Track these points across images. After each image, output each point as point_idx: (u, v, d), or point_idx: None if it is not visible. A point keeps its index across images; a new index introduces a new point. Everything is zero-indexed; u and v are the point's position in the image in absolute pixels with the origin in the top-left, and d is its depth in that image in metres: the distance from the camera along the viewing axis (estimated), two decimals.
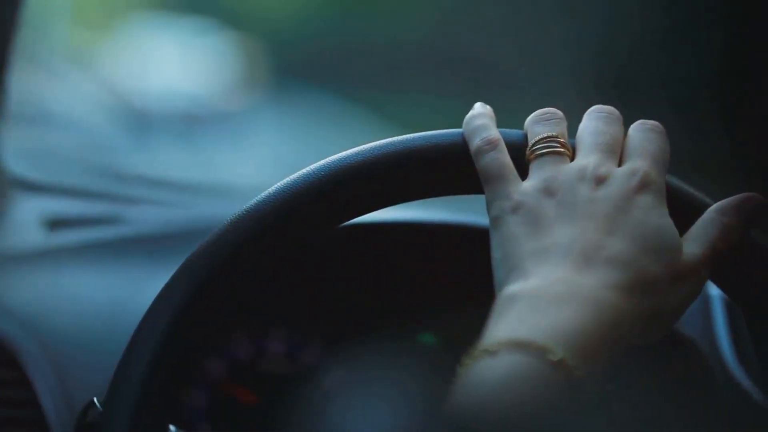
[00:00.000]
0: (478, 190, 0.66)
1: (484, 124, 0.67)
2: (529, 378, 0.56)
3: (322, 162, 0.68)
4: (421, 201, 0.70)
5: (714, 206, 0.65)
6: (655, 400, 0.82)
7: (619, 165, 0.65)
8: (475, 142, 0.66)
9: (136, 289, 0.88)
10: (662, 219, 0.63)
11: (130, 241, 0.97)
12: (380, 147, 0.68)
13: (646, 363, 0.66)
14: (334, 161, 0.68)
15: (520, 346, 0.57)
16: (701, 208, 0.66)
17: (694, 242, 0.64)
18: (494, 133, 0.66)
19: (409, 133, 0.69)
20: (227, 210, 0.69)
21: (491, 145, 0.66)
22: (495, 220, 0.64)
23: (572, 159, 0.65)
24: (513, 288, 0.60)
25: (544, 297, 0.59)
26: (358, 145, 0.69)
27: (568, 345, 0.57)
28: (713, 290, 0.91)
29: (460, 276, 0.89)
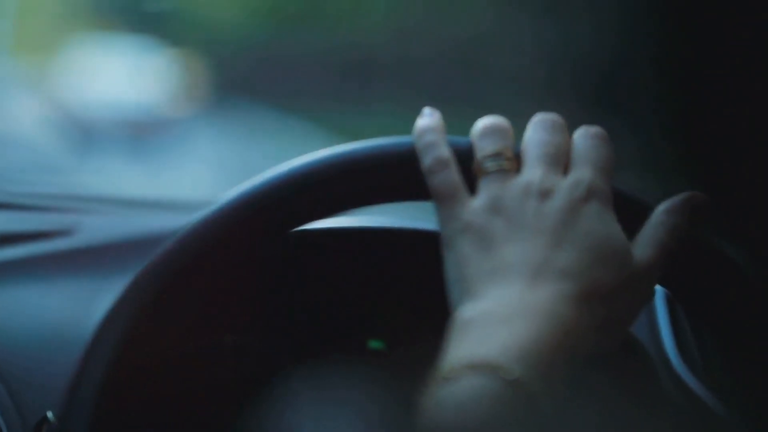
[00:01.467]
0: (425, 198, 0.67)
1: (435, 142, 0.67)
2: (486, 399, 0.56)
3: (270, 172, 0.68)
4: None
5: (660, 207, 0.67)
6: (599, 399, 0.83)
7: (566, 172, 0.66)
8: (426, 162, 0.67)
9: (86, 301, 0.87)
10: (609, 226, 0.64)
11: (79, 253, 0.97)
12: (329, 156, 0.68)
13: (589, 361, 0.66)
14: (282, 172, 0.68)
15: (475, 368, 0.57)
16: (648, 211, 0.67)
17: (644, 245, 0.65)
18: (444, 151, 0.67)
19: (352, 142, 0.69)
20: (174, 222, 0.70)
21: (442, 164, 0.66)
22: (447, 240, 0.65)
23: (519, 171, 0.66)
24: (467, 312, 0.61)
25: (496, 317, 0.60)
26: (298, 156, 0.69)
27: (523, 361, 0.57)
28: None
29: (410, 281, 0.90)
